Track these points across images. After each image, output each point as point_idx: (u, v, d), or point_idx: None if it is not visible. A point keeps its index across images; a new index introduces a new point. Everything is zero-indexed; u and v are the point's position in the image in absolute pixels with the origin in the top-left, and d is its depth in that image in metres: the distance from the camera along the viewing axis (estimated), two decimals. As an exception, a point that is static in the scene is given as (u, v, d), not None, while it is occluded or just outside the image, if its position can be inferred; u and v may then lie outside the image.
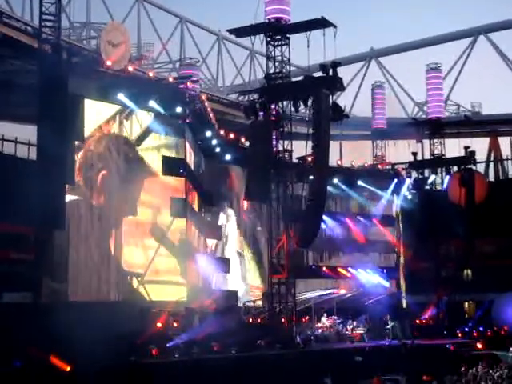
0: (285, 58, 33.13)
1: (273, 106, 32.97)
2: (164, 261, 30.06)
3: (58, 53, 26.17)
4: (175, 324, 28.24)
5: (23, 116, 38.12)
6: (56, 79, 24.97)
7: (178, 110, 31.04)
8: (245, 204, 36.79)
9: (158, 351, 24.85)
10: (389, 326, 37.26)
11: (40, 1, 27.21)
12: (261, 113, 31.93)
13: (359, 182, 42.98)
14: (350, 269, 42.41)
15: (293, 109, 32.26)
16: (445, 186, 44.72)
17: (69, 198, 26.43)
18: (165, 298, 29.47)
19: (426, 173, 44.86)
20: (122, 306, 27.53)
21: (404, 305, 43.89)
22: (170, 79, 33.47)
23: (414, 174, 45.23)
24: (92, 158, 28.18)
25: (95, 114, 28.31)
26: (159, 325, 27.07)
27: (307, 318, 37.18)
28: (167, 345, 25.66)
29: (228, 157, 35.75)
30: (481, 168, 51.42)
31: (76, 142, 27.31)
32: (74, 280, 26.68)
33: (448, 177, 44.37)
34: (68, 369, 20.85)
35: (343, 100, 37.52)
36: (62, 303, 25.30)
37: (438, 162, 44.91)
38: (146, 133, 30.16)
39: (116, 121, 29.07)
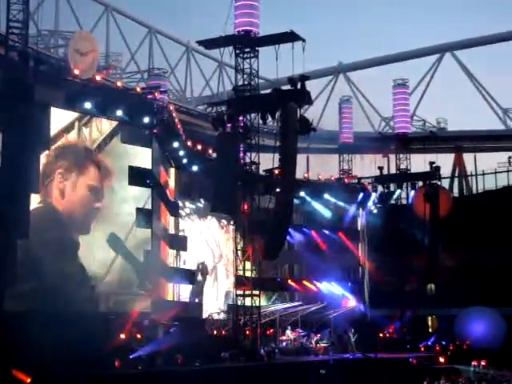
0: (253, 71, 33.24)
1: (241, 118, 33.03)
2: (122, 271, 29.76)
3: (25, 60, 25.94)
4: (139, 335, 28.02)
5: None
6: (22, 87, 24.73)
7: (146, 120, 30.94)
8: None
9: (121, 363, 24.63)
10: (353, 340, 37.39)
11: (7, 8, 26.98)
12: (228, 124, 31.99)
13: (325, 196, 43.16)
14: (315, 282, 42.49)
15: (260, 121, 32.41)
16: (410, 200, 45.16)
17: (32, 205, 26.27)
18: (122, 309, 29.15)
19: (392, 187, 45.27)
20: (84, 316, 27.22)
21: (368, 318, 44.10)
22: (138, 89, 33.29)
23: (380, 189, 45.60)
24: (57, 166, 28.02)
25: (54, 119, 27.98)
26: (122, 336, 26.85)
27: (272, 330, 37.16)
28: (130, 356, 25.44)
29: (195, 168, 35.67)
30: (445, 183, 52.07)
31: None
32: (38, 288, 26.34)
33: (413, 191, 44.82)
34: (28, 380, 20.55)
35: (311, 114, 37.51)
36: (23, 312, 24.94)
37: (404, 177, 45.36)
38: (106, 140, 29.95)
39: (75, 127, 28.82)
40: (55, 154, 28.11)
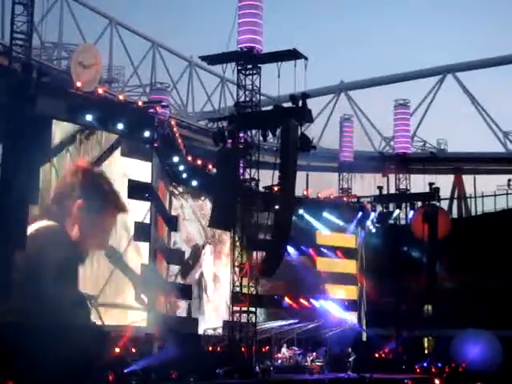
0: (255, 87, 33.32)
1: (241, 134, 33.08)
2: (119, 284, 29.68)
3: (28, 72, 25.97)
4: (134, 350, 27.90)
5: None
6: (25, 98, 24.76)
7: (146, 134, 30.97)
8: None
9: (115, 377, 24.48)
10: (351, 359, 37.26)
11: (12, 19, 27.10)
12: (229, 140, 32.03)
13: (324, 214, 43.17)
14: (311, 300, 42.40)
15: (261, 138, 32.45)
16: (409, 220, 45.13)
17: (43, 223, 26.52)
18: (118, 322, 29.01)
19: (391, 207, 45.25)
20: (79, 328, 27.07)
21: (364, 338, 43.97)
22: (140, 103, 33.40)
23: (379, 208, 45.60)
24: (68, 188, 28.11)
25: (55, 131, 28.04)
26: (117, 350, 26.71)
27: (267, 347, 37.02)
28: (124, 371, 25.31)
29: (194, 183, 35.75)
30: (444, 205, 52.01)
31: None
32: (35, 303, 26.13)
33: (412, 212, 44.81)
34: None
35: (312, 131, 37.76)
36: (18, 324, 24.80)
37: (403, 197, 45.35)
38: (107, 154, 29.96)
39: (76, 140, 28.86)
40: (75, 180, 28.28)
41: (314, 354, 37.20)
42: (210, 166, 35.16)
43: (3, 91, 25.84)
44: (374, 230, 45.94)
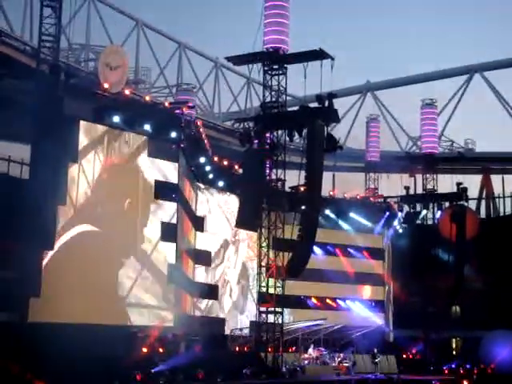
0: (281, 88, 33.32)
1: (267, 135, 33.08)
2: (146, 284, 29.83)
3: (56, 73, 26.21)
4: (161, 350, 28.01)
5: (17, 134, 38.07)
6: (53, 100, 24.98)
7: (173, 134, 31.06)
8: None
9: (143, 376, 24.61)
10: (377, 360, 37.08)
11: (40, 21, 27.41)
12: (255, 141, 32.04)
13: (351, 214, 43.02)
14: (338, 300, 42.28)
15: (287, 138, 32.41)
16: (436, 221, 44.82)
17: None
18: (145, 323, 29.17)
19: (418, 207, 45.01)
20: (108, 329, 27.27)
21: (391, 339, 43.74)
22: (166, 104, 33.52)
23: (406, 208, 45.37)
24: (113, 190, 28.68)
25: (83, 132, 28.29)
26: (145, 350, 26.85)
27: (294, 348, 36.97)
28: (152, 370, 25.42)
29: (221, 183, 35.80)
30: (472, 205, 51.55)
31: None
32: (63, 301, 26.37)
33: (440, 212, 44.49)
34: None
35: (338, 131, 37.62)
36: (47, 324, 25.04)
37: (430, 197, 45.10)
38: (134, 154, 30.13)
39: (104, 141, 29.10)
40: (120, 180, 28.92)
41: (342, 354, 37.06)
42: (237, 167, 35.19)
43: (32, 92, 26.12)
44: (400, 231, 45.71)
